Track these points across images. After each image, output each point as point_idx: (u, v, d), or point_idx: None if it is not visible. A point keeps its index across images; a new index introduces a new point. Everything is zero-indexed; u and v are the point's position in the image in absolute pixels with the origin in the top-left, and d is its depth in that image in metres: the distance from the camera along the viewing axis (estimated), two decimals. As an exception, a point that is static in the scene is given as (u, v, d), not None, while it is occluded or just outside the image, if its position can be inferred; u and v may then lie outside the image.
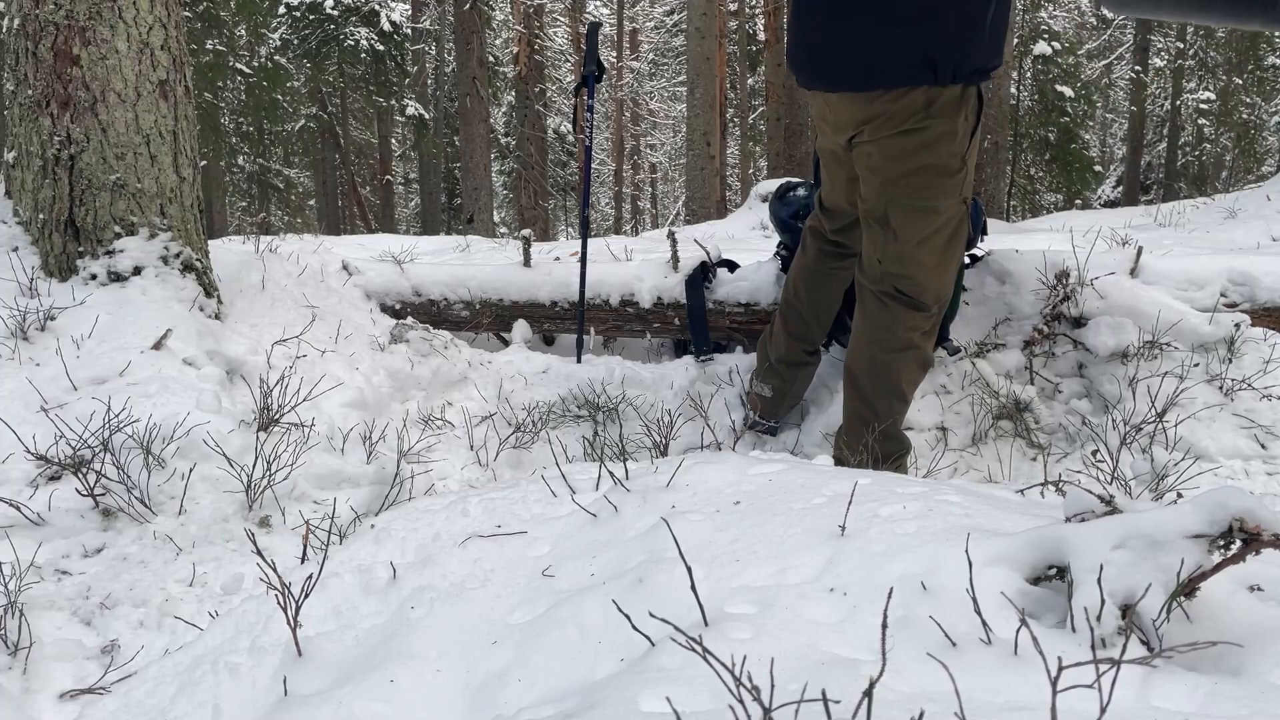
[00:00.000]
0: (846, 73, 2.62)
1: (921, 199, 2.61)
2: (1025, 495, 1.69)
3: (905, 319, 2.71)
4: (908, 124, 2.55)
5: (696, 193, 11.66)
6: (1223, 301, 3.53)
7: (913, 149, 2.58)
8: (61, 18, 3.02)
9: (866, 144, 2.65)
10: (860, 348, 2.80)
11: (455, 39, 15.50)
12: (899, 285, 2.68)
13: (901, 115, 2.55)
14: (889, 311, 2.72)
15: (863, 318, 2.79)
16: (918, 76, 2.50)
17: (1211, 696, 0.98)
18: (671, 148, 30.30)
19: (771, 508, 1.48)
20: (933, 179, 2.60)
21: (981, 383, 3.25)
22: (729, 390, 3.50)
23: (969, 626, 1.09)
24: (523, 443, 3.21)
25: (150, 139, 3.14)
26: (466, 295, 4.13)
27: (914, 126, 2.55)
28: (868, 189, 2.71)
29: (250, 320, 3.36)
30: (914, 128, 2.55)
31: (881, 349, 2.75)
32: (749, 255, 4.26)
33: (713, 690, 1.03)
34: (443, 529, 1.70)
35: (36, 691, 1.77)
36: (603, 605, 1.29)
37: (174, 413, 2.57)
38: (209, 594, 2.13)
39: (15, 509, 2.24)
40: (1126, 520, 1.12)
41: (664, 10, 26.54)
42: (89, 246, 3.11)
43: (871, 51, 2.54)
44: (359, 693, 1.29)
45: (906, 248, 2.65)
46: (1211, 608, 1.09)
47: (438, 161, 21.65)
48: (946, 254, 2.69)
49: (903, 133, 2.57)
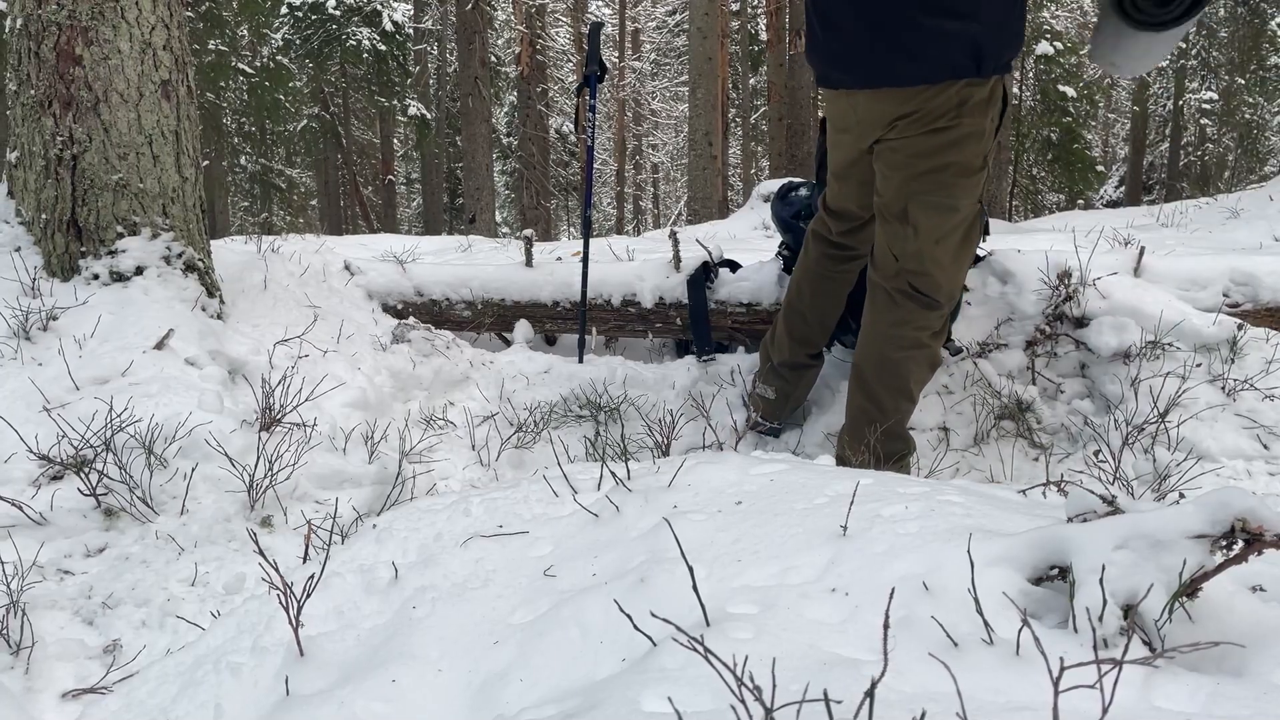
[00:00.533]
0: (885, 68, 2.54)
1: (943, 196, 2.57)
2: (1027, 495, 1.69)
3: (917, 317, 2.69)
4: (939, 121, 2.51)
5: (698, 193, 11.66)
6: (1225, 302, 3.53)
7: (942, 147, 2.53)
8: (64, 18, 3.02)
9: (892, 141, 2.60)
10: (870, 345, 2.77)
11: (457, 39, 15.50)
12: (915, 283, 2.66)
13: (936, 113, 2.51)
14: (901, 309, 2.69)
15: (873, 315, 2.76)
16: (963, 68, 2.44)
17: (1214, 697, 0.98)
18: (673, 148, 30.30)
19: (773, 508, 1.48)
20: (956, 177, 2.56)
21: (983, 383, 3.25)
22: (731, 390, 3.50)
23: (971, 627, 1.09)
24: (524, 443, 3.21)
25: (153, 139, 3.15)
26: (468, 295, 4.13)
27: (946, 125, 2.51)
28: (886, 184, 2.67)
29: (252, 320, 3.36)
30: (945, 125, 2.51)
31: (892, 347, 2.73)
32: (751, 255, 4.26)
33: (714, 690, 1.02)
34: (444, 529, 1.70)
35: (39, 691, 1.77)
36: (604, 605, 1.29)
37: (176, 412, 2.57)
38: (211, 594, 2.14)
39: (18, 509, 2.25)
40: (1128, 520, 1.11)
41: (666, 10, 26.55)
42: (91, 246, 3.11)
43: (916, 44, 2.46)
44: (361, 692, 1.29)
45: (925, 245, 2.61)
46: (1214, 608, 1.09)
47: (440, 161, 21.66)
48: (961, 253, 2.67)
49: (933, 130, 2.52)
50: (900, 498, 1.45)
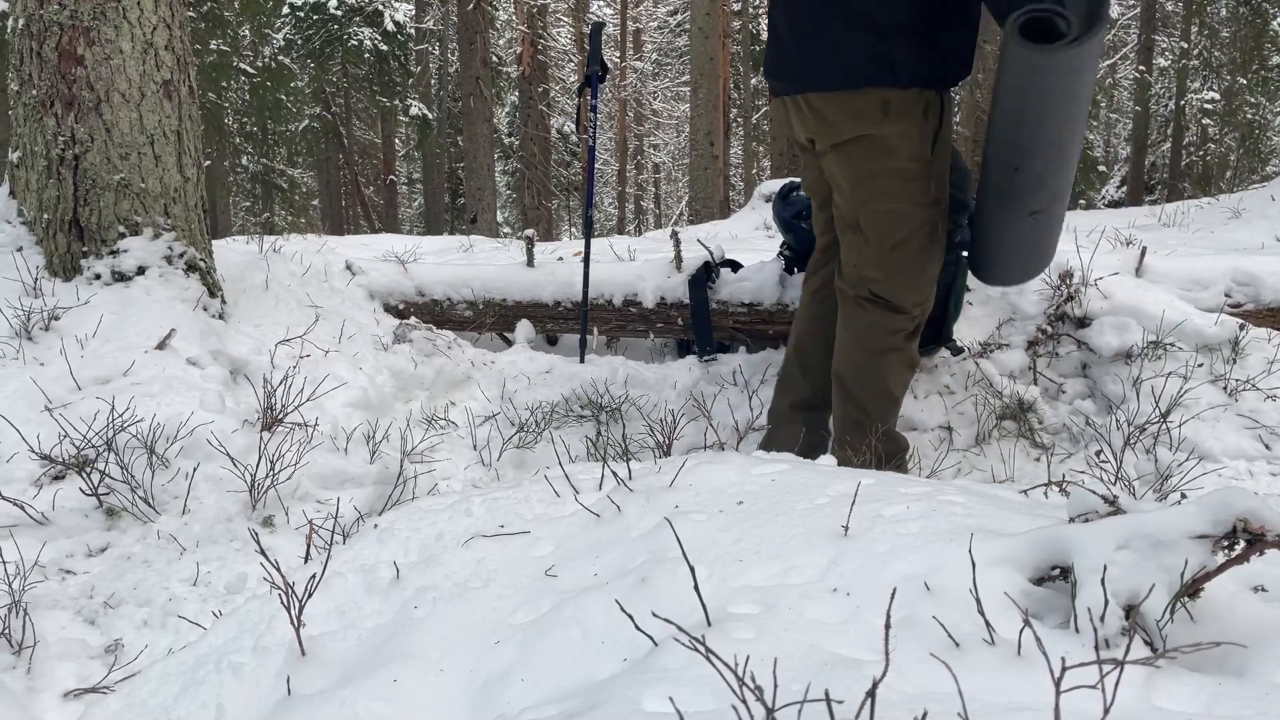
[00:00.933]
0: (811, 73, 2.65)
1: (889, 202, 2.65)
2: (1029, 495, 1.69)
3: (885, 322, 2.74)
4: (866, 126, 2.59)
5: (700, 193, 11.65)
6: (1227, 302, 3.53)
7: (874, 152, 2.61)
8: (66, 18, 3.02)
9: (837, 149, 2.68)
10: (845, 352, 2.82)
11: (459, 39, 15.50)
12: (875, 289, 2.72)
13: (861, 116, 2.58)
14: (868, 315, 2.75)
15: (844, 323, 2.82)
16: (879, 76, 2.53)
17: (1215, 697, 0.98)
18: (675, 148, 30.29)
19: (774, 508, 1.48)
20: (896, 182, 2.63)
21: (985, 383, 3.25)
22: (732, 390, 3.50)
23: (972, 627, 1.09)
24: (526, 443, 3.21)
25: (154, 139, 3.15)
26: (470, 295, 4.13)
27: (872, 130, 2.58)
28: (840, 195, 2.75)
29: (254, 320, 3.36)
30: (871, 131, 2.59)
31: (865, 352, 2.78)
32: (752, 255, 4.25)
33: (716, 690, 1.02)
34: (446, 529, 1.70)
35: (41, 690, 1.78)
36: (606, 605, 1.29)
37: (178, 412, 2.57)
38: (212, 593, 2.14)
39: (20, 508, 2.25)
40: (1130, 521, 1.11)
41: (667, 10, 26.55)
42: (93, 246, 3.12)
43: (836, 51, 2.57)
44: (362, 692, 1.29)
45: (881, 252, 2.68)
46: (1215, 608, 1.09)
47: (441, 161, 21.66)
48: (922, 258, 2.71)
49: (862, 136, 2.61)
50: (902, 498, 1.45)
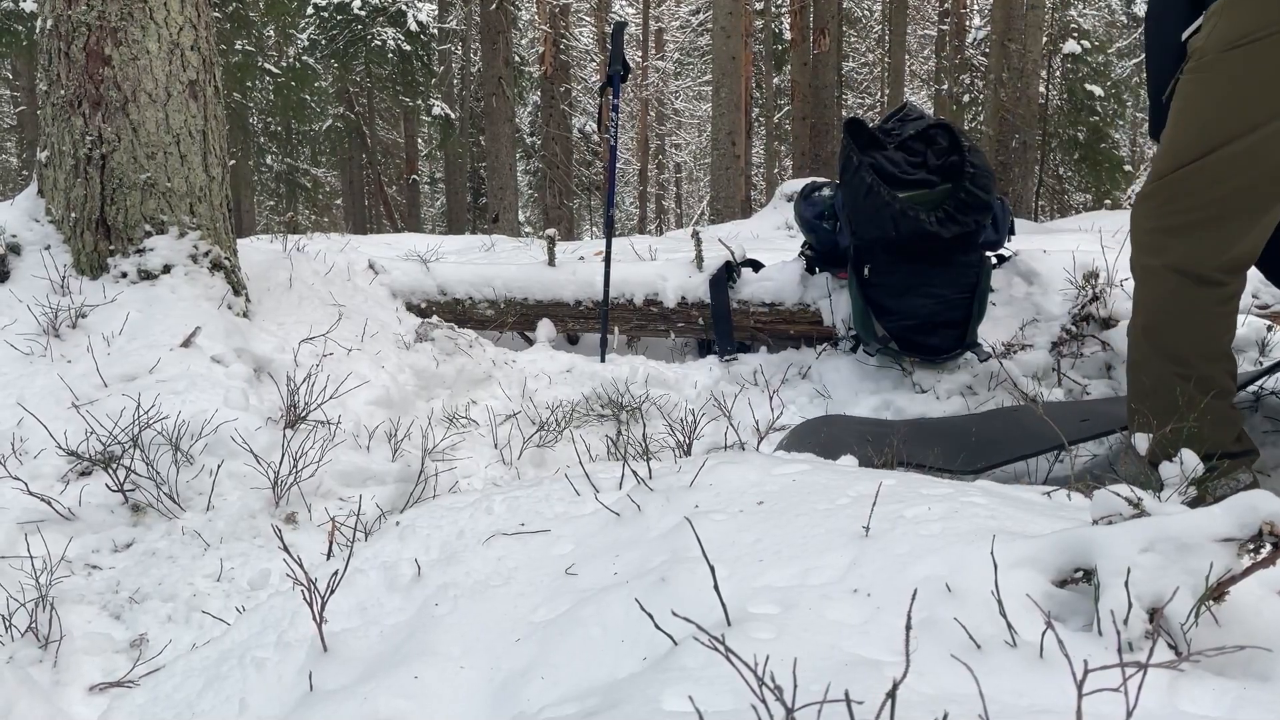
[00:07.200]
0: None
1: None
2: (1052, 497, 1.68)
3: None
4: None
5: (721, 192, 11.64)
6: (1254, 303, 3.49)
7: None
8: (94, 18, 3.05)
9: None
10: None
11: (481, 39, 15.55)
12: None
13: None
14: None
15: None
16: None
17: (1240, 701, 0.97)
18: (696, 147, 30.28)
19: (795, 508, 1.48)
20: None
21: (1009, 384, 3.22)
22: (753, 390, 3.50)
23: (994, 629, 1.08)
24: (546, 441, 3.22)
25: (180, 138, 3.18)
26: (491, 294, 4.14)
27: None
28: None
29: (278, 318, 3.38)
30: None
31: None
32: (774, 255, 4.25)
33: (735, 690, 1.02)
34: (467, 527, 1.70)
35: (66, 684, 1.79)
36: (625, 604, 1.30)
37: (202, 410, 2.59)
38: (236, 589, 2.15)
39: (47, 504, 2.28)
40: (1154, 523, 1.10)
41: (689, 9, 26.53)
42: (120, 245, 3.15)
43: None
44: (383, 688, 1.30)
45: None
46: (1240, 612, 1.08)
47: (463, 161, 21.74)
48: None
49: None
50: (923, 499, 1.44)
